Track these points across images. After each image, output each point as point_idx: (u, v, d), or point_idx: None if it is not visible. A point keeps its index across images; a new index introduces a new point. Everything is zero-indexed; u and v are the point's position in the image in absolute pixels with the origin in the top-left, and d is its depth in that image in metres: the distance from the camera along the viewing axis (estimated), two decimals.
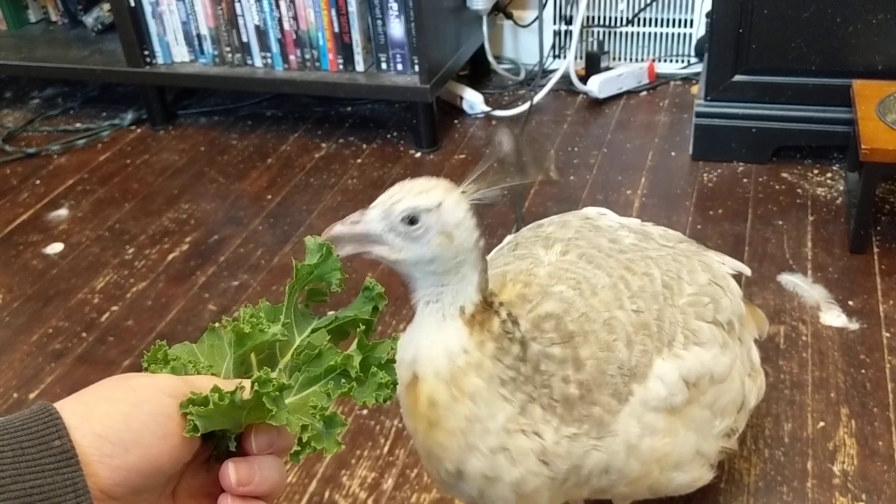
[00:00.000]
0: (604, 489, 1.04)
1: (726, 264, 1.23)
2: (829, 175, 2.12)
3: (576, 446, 0.96)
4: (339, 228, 0.83)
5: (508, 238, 1.25)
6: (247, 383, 0.57)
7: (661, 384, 1.01)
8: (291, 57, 2.41)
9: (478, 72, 2.74)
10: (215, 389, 0.55)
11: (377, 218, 0.83)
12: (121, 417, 0.53)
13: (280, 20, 2.38)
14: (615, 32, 2.67)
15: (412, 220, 0.83)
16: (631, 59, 2.69)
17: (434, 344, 0.89)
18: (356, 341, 0.64)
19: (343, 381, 0.62)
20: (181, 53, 2.52)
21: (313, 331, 0.66)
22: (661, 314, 1.04)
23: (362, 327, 0.65)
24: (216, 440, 0.59)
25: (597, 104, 2.55)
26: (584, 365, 0.96)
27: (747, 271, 1.31)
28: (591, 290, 1.03)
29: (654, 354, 1.02)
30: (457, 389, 0.88)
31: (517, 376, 0.91)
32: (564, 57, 2.67)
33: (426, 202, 0.83)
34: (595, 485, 1.01)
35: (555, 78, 2.56)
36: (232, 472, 0.57)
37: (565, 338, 0.97)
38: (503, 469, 0.92)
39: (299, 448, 0.58)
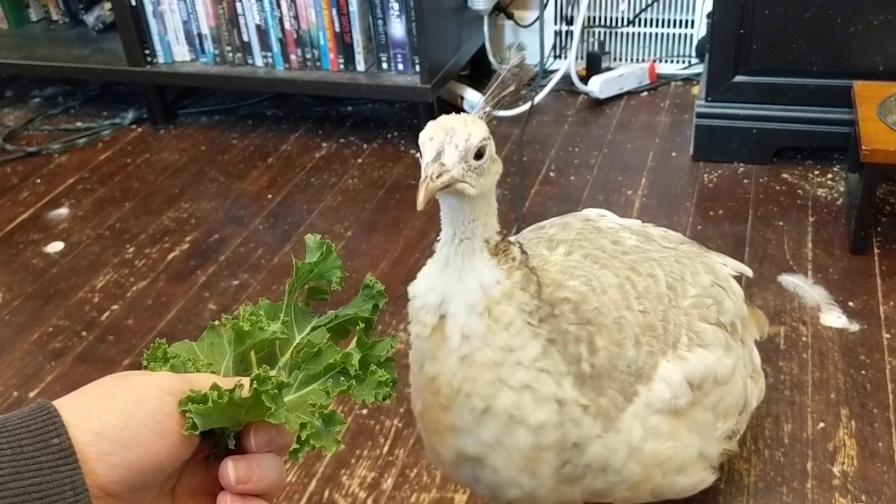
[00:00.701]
0: (603, 492, 1.04)
1: (728, 265, 1.23)
2: (829, 176, 2.12)
3: (585, 421, 0.96)
4: (432, 185, 0.82)
5: (510, 240, 1.25)
6: (246, 381, 0.57)
7: (665, 386, 1.01)
8: (292, 56, 2.41)
9: (479, 72, 2.74)
10: (214, 387, 0.55)
11: (457, 161, 0.83)
12: (120, 415, 0.53)
13: (281, 20, 2.38)
14: (616, 33, 2.67)
15: (479, 154, 0.84)
16: (632, 60, 2.69)
17: (465, 280, 0.89)
18: (355, 339, 0.64)
19: (342, 379, 0.62)
20: (182, 53, 2.52)
21: (313, 329, 0.66)
22: (666, 316, 1.04)
23: (362, 325, 0.65)
24: (215, 438, 0.59)
25: (598, 104, 2.55)
26: (598, 351, 0.97)
27: (749, 272, 1.31)
28: (602, 289, 1.03)
29: (660, 356, 1.02)
30: (492, 319, 0.89)
31: (540, 306, 0.92)
32: (565, 57, 2.67)
33: (485, 132, 0.85)
34: (591, 484, 1.01)
35: (556, 78, 2.56)
36: (231, 469, 0.57)
37: (582, 321, 0.96)
38: (528, 408, 0.92)
39: (298, 446, 0.58)
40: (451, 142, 0.84)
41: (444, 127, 0.85)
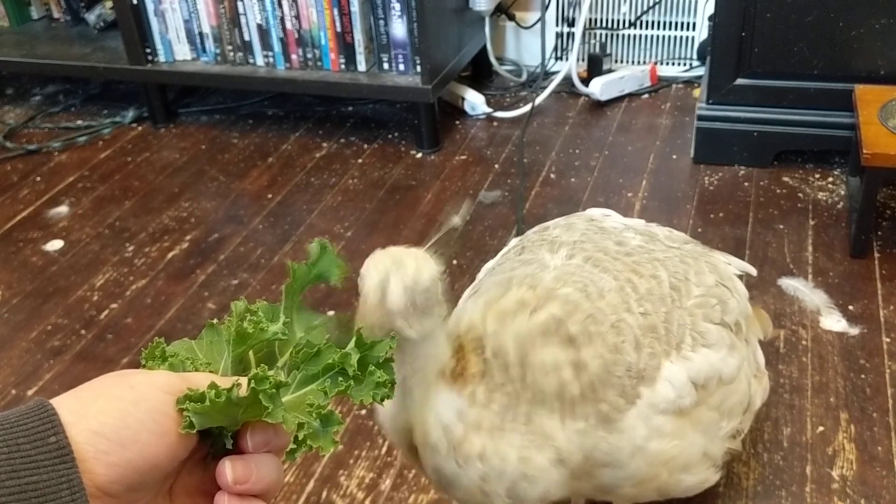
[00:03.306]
0: (609, 488, 1.04)
1: (732, 265, 1.23)
2: (830, 179, 2.11)
3: (586, 440, 0.97)
4: (375, 334, 0.80)
5: (514, 241, 1.25)
6: (244, 380, 0.56)
7: (669, 386, 1.01)
8: (293, 56, 2.41)
9: (480, 73, 2.74)
10: (212, 386, 0.55)
11: (400, 297, 0.78)
12: (117, 414, 0.53)
13: (282, 19, 2.38)
14: (617, 35, 2.67)
15: (428, 293, 0.80)
16: (633, 62, 2.69)
17: (427, 420, 0.88)
18: (354, 340, 0.64)
19: (340, 379, 0.61)
20: (183, 51, 2.52)
21: (312, 329, 0.66)
22: (670, 316, 1.04)
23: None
24: (213, 437, 0.59)
25: (598, 106, 2.55)
26: (586, 366, 0.96)
27: (753, 272, 1.31)
28: (598, 293, 1.02)
29: (663, 357, 1.02)
30: (462, 458, 0.88)
31: (513, 393, 0.92)
32: (566, 59, 2.67)
33: (435, 270, 0.80)
34: (599, 478, 1.01)
35: (557, 80, 2.56)
36: (228, 469, 0.57)
37: (564, 342, 0.97)
38: (526, 492, 0.93)
39: (295, 446, 0.58)
40: (397, 274, 0.78)
41: (392, 257, 0.79)
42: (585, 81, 2.58)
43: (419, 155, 2.38)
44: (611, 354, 0.98)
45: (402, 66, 2.35)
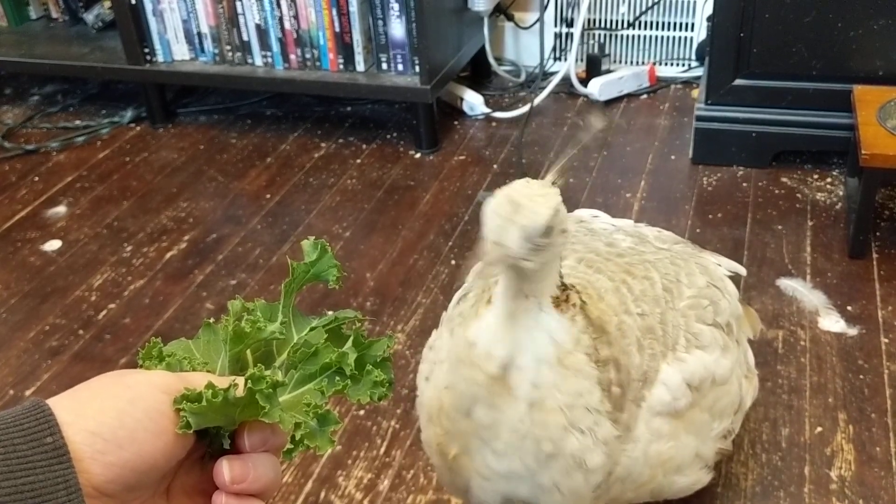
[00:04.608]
0: (614, 497, 1.04)
1: (722, 265, 1.23)
2: (828, 180, 2.11)
3: (617, 450, 0.97)
4: (489, 271, 0.83)
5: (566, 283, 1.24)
6: (241, 380, 0.56)
7: (664, 389, 1.01)
8: (292, 56, 2.41)
9: (478, 73, 2.73)
10: (209, 386, 0.55)
11: (518, 242, 0.80)
12: (114, 414, 0.53)
13: (281, 19, 2.38)
14: (616, 35, 2.67)
15: (547, 231, 0.81)
16: (632, 62, 2.69)
17: (536, 337, 0.88)
18: (352, 339, 0.64)
19: (338, 378, 0.61)
20: (181, 51, 2.51)
21: (311, 330, 0.66)
22: (664, 318, 1.04)
23: (359, 325, 0.65)
24: (210, 437, 0.59)
25: (597, 107, 2.55)
26: (620, 366, 0.97)
27: (743, 272, 1.31)
28: (598, 295, 1.02)
29: (661, 359, 1.01)
30: (564, 368, 0.89)
31: (594, 347, 0.92)
32: (565, 59, 2.67)
33: (554, 207, 0.82)
34: (612, 493, 1.01)
35: (555, 80, 2.56)
36: (226, 469, 0.57)
37: (599, 332, 0.96)
38: (589, 452, 0.92)
39: (292, 446, 0.58)
40: (515, 219, 0.80)
41: (510, 201, 0.81)
42: (584, 82, 2.58)
43: (418, 155, 2.37)
44: (625, 357, 0.98)
45: (400, 67, 2.35)
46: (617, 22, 2.65)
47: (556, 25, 2.70)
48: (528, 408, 0.90)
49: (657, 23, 2.63)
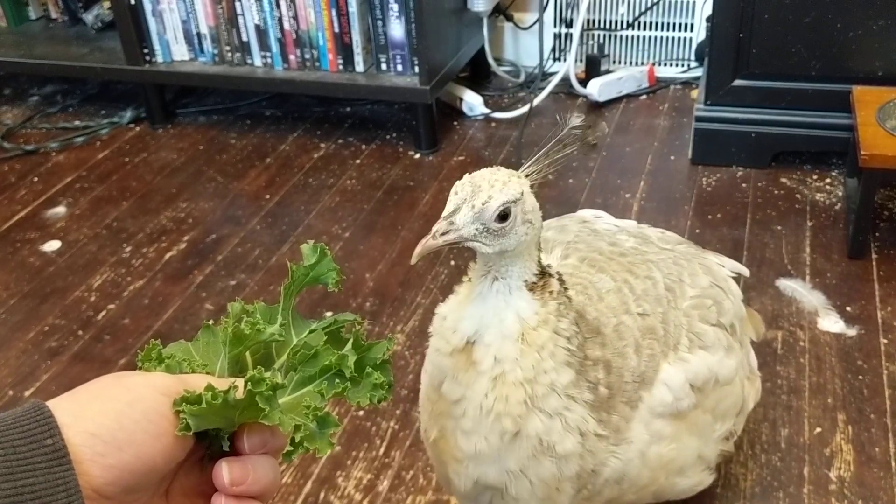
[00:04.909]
0: (612, 499, 1.04)
1: (725, 266, 1.23)
2: (828, 181, 2.11)
3: (600, 448, 0.96)
4: (431, 243, 0.82)
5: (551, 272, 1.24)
6: (240, 382, 0.56)
7: (666, 390, 1.00)
8: (291, 57, 2.41)
9: (478, 74, 2.73)
10: (209, 388, 0.55)
11: (469, 222, 0.82)
12: (114, 416, 0.53)
13: (280, 20, 2.38)
14: (615, 36, 2.67)
15: (503, 216, 0.83)
16: (631, 63, 2.69)
17: (505, 317, 0.89)
18: (351, 341, 0.64)
19: (337, 381, 0.61)
20: (181, 52, 2.51)
21: (311, 332, 0.66)
22: (666, 317, 1.04)
23: (359, 328, 0.65)
24: (210, 439, 0.59)
25: (596, 107, 2.55)
26: (612, 369, 0.96)
27: (746, 272, 1.31)
28: (598, 295, 1.02)
29: (661, 358, 1.01)
30: (525, 343, 0.89)
31: (575, 335, 0.92)
32: (564, 60, 2.67)
33: (513, 194, 0.83)
34: (607, 495, 1.01)
35: (555, 81, 2.56)
36: (225, 471, 0.57)
37: (593, 333, 0.96)
38: (556, 435, 0.92)
39: (292, 448, 0.58)
40: (470, 200, 0.83)
41: (472, 183, 0.84)
42: (583, 82, 2.58)
43: (417, 156, 2.37)
44: (619, 360, 0.98)
45: (399, 67, 2.35)
46: (616, 22, 2.65)
47: (555, 26, 2.70)
48: (492, 382, 0.90)
49: (656, 23, 2.63)
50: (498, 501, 0.97)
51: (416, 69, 2.31)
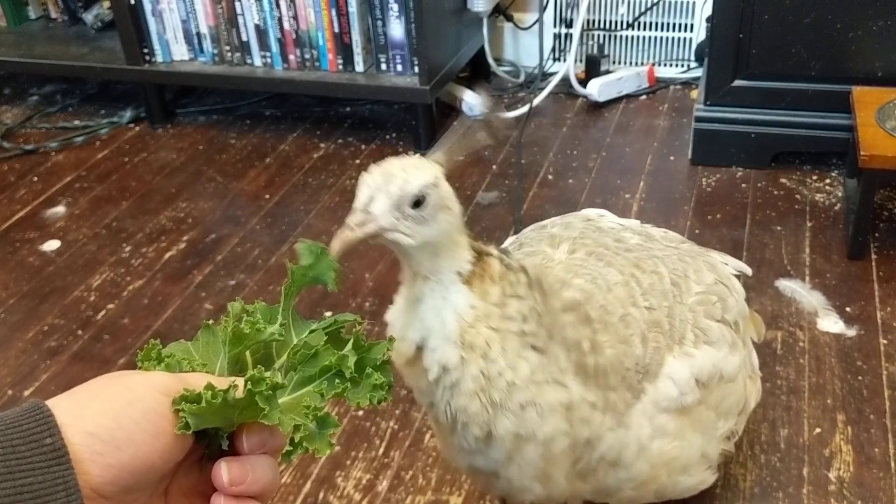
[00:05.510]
0: (610, 490, 1.04)
1: (729, 264, 1.24)
2: (827, 181, 2.11)
3: (595, 417, 0.94)
4: (349, 235, 0.79)
5: (510, 239, 1.24)
6: (240, 381, 0.56)
7: (671, 384, 1.01)
8: (291, 57, 2.41)
9: (478, 73, 2.73)
10: (208, 387, 0.54)
11: (386, 210, 0.79)
12: (113, 415, 0.53)
13: (280, 20, 2.38)
14: (615, 36, 2.67)
15: (418, 202, 0.80)
16: (631, 63, 2.69)
17: (445, 318, 0.85)
18: (351, 342, 0.64)
19: (337, 381, 0.61)
20: (181, 52, 2.51)
21: (311, 332, 0.66)
22: (672, 312, 1.04)
23: (359, 328, 0.65)
24: (209, 439, 0.59)
25: (596, 107, 2.55)
26: (603, 350, 0.95)
27: (748, 271, 1.31)
28: (607, 287, 1.03)
29: (666, 352, 1.01)
30: (466, 348, 0.85)
31: (535, 306, 0.88)
32: (564, 60, 2.67)
33: (428, 178, 0.81)
34: (602, 479, 1.01)
35: (554, 81, 2.56)
36: (224, 471, 0.57)
37: (583, 320, 0.95)
38: (535, 424, 0.89)
39: (291, 448, 0.57)
40: (384, 188, 0.79)
41: (383, 172, 0.81)
42: (583, 83, 2.58)
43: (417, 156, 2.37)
44: (621, 345, 0.98)
45: (399, 67, 2.35)
46: (616, 23, 2.65)
47: (555, 26, 2.70)
48: (448, 392, 0.87)
49: (656, 23, 2.63)
50: (495, 481, 0.97)
51: (416, 69, 2.31)
